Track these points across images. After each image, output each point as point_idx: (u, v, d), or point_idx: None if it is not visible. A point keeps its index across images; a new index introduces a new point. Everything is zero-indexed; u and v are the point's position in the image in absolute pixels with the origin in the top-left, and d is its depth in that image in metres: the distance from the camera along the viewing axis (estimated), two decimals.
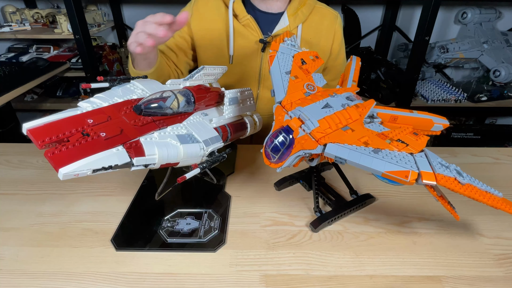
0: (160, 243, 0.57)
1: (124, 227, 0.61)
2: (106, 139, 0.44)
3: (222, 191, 0.71)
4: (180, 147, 0.50)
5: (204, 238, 0.58)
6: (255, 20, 0.88)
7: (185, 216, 0.63)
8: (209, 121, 0.60)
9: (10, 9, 1.95)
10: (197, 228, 0.60)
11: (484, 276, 0.52)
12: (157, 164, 0.48)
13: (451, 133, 2.07)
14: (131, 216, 0.63)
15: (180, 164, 0.52)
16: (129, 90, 0.55)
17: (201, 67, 0.66)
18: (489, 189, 0.48)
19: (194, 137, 0.53)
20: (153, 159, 0.47)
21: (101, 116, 0.47)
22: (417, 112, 0.61)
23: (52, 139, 0.42)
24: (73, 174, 0.41)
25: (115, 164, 0.43)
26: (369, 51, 2.15)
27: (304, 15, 0.89)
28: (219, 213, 0.64)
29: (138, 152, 0.45)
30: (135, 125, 0.48)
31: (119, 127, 0.47)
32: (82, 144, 0.42)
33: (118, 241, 0.58)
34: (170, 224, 0.61)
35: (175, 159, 0.50)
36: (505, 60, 1.96)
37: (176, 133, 0.52)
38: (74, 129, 0.44)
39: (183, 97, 0.55)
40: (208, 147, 0.54)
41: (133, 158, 0.45)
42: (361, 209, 0.66)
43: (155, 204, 0.66)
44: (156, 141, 0.48)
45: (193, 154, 0.52)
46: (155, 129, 0.50)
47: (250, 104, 0.71)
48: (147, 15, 0.62)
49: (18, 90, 1.42)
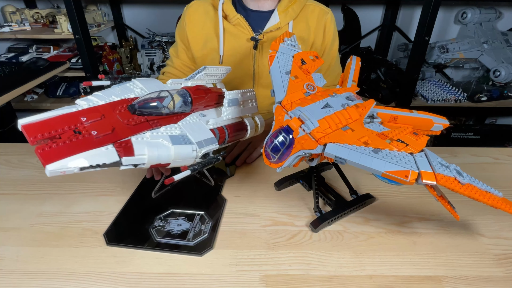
0: (149, 242, 0.57)
1: (118, 223, 0.62)
2: (96, 137, 0.44)
3: (219, 194, 0.70)
4: (171, 148, 0.49)
5: (192, 241, 0.58)
6: (245, 19, 0.89)
7: (178, 217, 0.63)
8: (206, 122, 0.59)
9: (10, 9, 1.95)
10: (188, 230, 0.60)
11: (484, 276, 0.52)
12: (147, 164, 0.48)
13: (451, 133, 2.07)
14: (126, 212, 0.64)
15: (171, 165, 0.52)
16: (127, 89, 0.54)
17: (202, 67, 0.65)
18: (489, 189, 0.48)
19: (187, 138, 0.52)
20: (142, 159, 0.47)
21: (95, 114, 0.47)
22: (417, 112, 0.61)
23: (44, 135, 0.42)
24: (60, 171, 0.41)
25: (103, 163, 0.43)
26: (369, 51, 2.15)
27: (295, 12, 0.90)
28: (212, 216, 0.63)
29: (127, 152, 0.45)
30: (128, 124, 0.48)
31: (111, 126, 0.47)
32: (72, 141, 0.43)
33: (110, 236, 0.58)
34: (162, 223, 0.61)
35: (166, 160, 0.49)
36: (505, 60, 1.96)
37: (169, 134, 0.51)
38: (66, 127, 0.44)
39: (180, 97, 0.54)
40: (202, 148, 0.53)
41: (121, 158, 0.45)
42: (361, 209, 0.66)
43: (151, 202, 0.66)
44: (147, 141, 0.48)
45: (185, 156, 0.51)
46: (148, 128, 0.50)
47: (252, 105, 0.70)
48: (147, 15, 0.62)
49: (18, 90, 1.42)
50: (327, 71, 0.99)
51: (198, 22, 0.92)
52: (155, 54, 2.02)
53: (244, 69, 0.94)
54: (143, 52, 2.03)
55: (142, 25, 2.14)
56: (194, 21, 0.93)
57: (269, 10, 0.91)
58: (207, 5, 0.92)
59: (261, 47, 0.90)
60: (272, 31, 0.89)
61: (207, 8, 0.92)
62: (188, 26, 0.93)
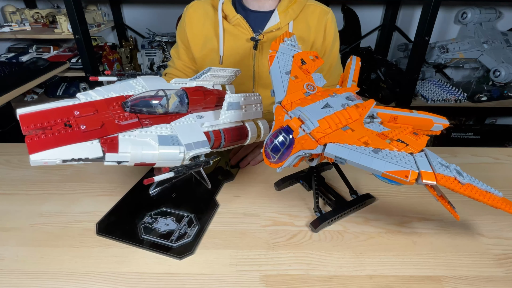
0: (134, 238, 0.58)
1: (112, 214, 0.63)
2: (84, 131, 0.45)
3: (212, 199, 0.68)
4: (157, 148, 0.49)
5: (175, 243, 0.57)
6: (245, 19, 0.89)
7: (167, 216, 0.63)
8: (201, 124, 0.58)
9: (10, 9, 1.95)
10: (173, 231, 0.59)
11: (484, 276, 0.52)
12: (131, 162, 0.48)
13: (451, 133, 2.07)
14: (122, 205, 0.65)
15: (157, 165, 0.51)
16: (129, 85, 0.55)
17: (207, 68, 0.64)
18: (489, 189, 0.48)
19: (176, 140, 0.52)
20: (125, 156, 0.47)
21: (89, 109, 0.48)
22: (417, 112, 0.61)
23: (37, 126, 0.43)
24: (42, 161, 0.42)
25: (85, 157, 0.44)
26: (369, 51, 2.15)
27: (295, 12, 0.90)
28: (200, 220, 0.62)
29: (111, 148, 0.46)
30: (119, 121, 0.49)
31: (101, 121, 0.47)
32: (61, 134, 0.43)
33: (101, 226, 0.60)
34: (151, 220, 0.61)
35: (150, 159, 0.49)
36: (505, 60, 1.96)
37: (159, 133, 0.51)
38: (59, 119, 0.45)
39: (177, 97, 0.54)
40: (190, 151, 0.52)
41: (105, 153, 0.45)
42: (361, 209, 0.66)
43: (147, 198, 0.66)
44: (133, 139, 0.48)
45: (171, 157, 0.51)
46: (138, 127, 0.50)
47: (256, 110, 0.66)
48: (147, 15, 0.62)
49: (18, 90, 1.42)
50: (328, 71, 0.99)
51: (198, 22, 0.93)
52: (155, 54, 2.02)
53: (244, 69, 0.94)
54: (143, 52, 2.03)
55: (142, 25, 2.14)
56: (194, 21, 0.93)
57: (269, 10, 0.91)
58: (207, 5, 0.92)
59: (261, 47, 0.90)
60: (272, 31, 0.89)
61: (207, 8, 0.92)
62: (188, 27, 0.93)
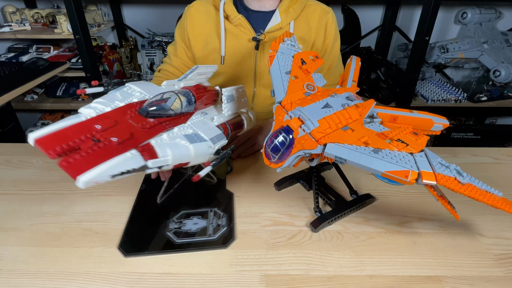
0: (169, 245, 0.57)
1: (129, 232, 0.60)
2: (118, 144, 0.44)
3: (224, 189, 0.71)
4: (190, 147, 0.50)
5: (214, 236, 0.59)
6: (247, 19, 0.89)
7: (191, 217, 0.63)
8: (210, 119, 0.60)
9: (10, 9, 1.95)
10: (206, 226, 0.61)
11: (484, 276, 0.52)
12: (171, 165, 0.48)
13: (451, 133, 2.07)
14: (135, 221, 0.63)
15: (190, 163, 0.52)
16: (127, 93, 0.55)
17: (195, 67, 0.65)
18: (489, 188, 0.48)
19: (201, 136, 0.53)
20: (166, 160, 0.47)
21: (108, 121, 0.47)
22: (417, 112, 0.61)
23: (63, 147, 0.41)
24: (93, 181, 0.39)
25: (132, 168, 0.42)
26: (369, 51, 2.15)
27: (296, 12, 0.90)
28: (224, 211, 0.65)
29: (151, 155, 0.45)
30: (143, 128, 0.48)
31: (129, 131, 0.46)
32: (95, 150, 0.42)
33: (126, 247, 0.57)
34: (177, 225, 0.61)
35: (187, 158, 0.50)
36: (505, 60, 1.96)
37: (184, 133, 0.52)
38: (83, 136, 0.43)
39: (184, 97, 0.55)
40: (215, 145, 0.54)
41: (147, 161, 0.44)
42: (361, 209, 0.66)
43: (157, 208, 0.66)
44: (167, 142, 0.48)
45: (202, 153, 0.52)
46: (163, 130, 0.50)
47: (244, 101, 0.71)
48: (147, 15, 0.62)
49: (18, 90, 1.42)
50: (328, 71, 0.99)
51: (200, 22, 0.92)
52: (155, 54, 2.02)
53: (246, 69, 0.94)
54: (143, 52, 2.03)
55: (142, 25, 2.14)
56: (195, 21, 0.93)
57: (271, 10, 0.91)
58: (209, 5, 0.92)
59: (263, 47, 0.91)
60: (273, 31, 0.89)
61: (209, 8, 0.92)
62: (190, 26, 0.93)
